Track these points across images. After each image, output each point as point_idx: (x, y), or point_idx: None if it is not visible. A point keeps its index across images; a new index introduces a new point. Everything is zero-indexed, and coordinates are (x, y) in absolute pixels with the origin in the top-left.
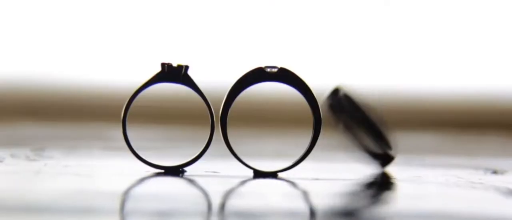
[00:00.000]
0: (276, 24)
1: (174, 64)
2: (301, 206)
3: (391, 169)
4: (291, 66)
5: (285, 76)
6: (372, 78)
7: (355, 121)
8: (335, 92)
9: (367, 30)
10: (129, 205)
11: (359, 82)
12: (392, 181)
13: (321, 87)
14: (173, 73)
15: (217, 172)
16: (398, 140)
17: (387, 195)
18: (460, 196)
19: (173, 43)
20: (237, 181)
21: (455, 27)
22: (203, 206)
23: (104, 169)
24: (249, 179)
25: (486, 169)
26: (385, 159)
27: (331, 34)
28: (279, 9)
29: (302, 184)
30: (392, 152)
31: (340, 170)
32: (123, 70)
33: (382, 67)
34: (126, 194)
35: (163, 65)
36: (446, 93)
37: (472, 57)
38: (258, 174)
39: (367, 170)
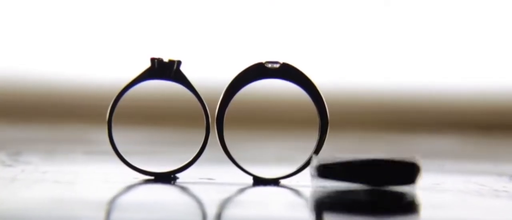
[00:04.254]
0: (277, 18)
1: (165, 59)
2: (306, 216)
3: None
4: (294, 62)
5: (287, 72)
6: (379, 78)
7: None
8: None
9: (368, 29)
10: (115, 216)
11: (365, 81)
12: (409, 189)
13: (326, 85)
14: (164, 69)
15: (213, 179)
16: (416, 143)
17: (403, 203)
18: (483, 205)
19: (164, 36)
20: (234, 188)
21: (465, 25)
22: (197, 217)
23: (87, 176)
24: (248, 187)
25: (511, 176)
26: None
27: (332, 32)
28: (280, 3)
29: (307, 192)
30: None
31: None
32: (108, 65)
33: (389, 66)
34: (111, 203)
35: (153, 60)
36: (467, 93)
37: (493, 55)
38: (258, 181)
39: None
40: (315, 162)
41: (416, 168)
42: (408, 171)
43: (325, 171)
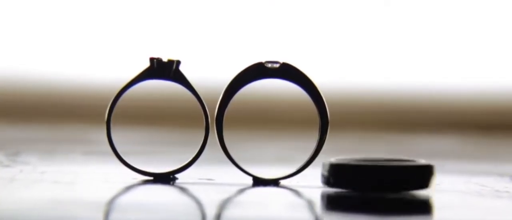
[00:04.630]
0: (277, 18)
1: (164, 59)
2: (306, 217)
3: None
4: (294, 62)
5: (287, 72)
6: (379, 78)
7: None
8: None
9: (368, 29)
10: (114, 216)
11: (365, 81)
12: (409, 189)
13: (326, 85)
14: (163, 69)
15: (212, 180)
16: (416, 143)
17: (403, 204)
18: (484, 205)
19: (163, 35)
20: (234, 189)
21: (465, 25)
22: (197, 217)
23: (86, 176)
24: (247, 187)
25: None
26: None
27: (332, 32)
28: (280, 3)
29: (307, 192)
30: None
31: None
32: (107, 65)
33: (389, 66)
34: (110, 204)
35: (152, 60)
36: (467, 93)
37: (493, 55)
38: (258, 182)
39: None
40: (325, 169)
41: (432, 173)
42: (423, 176)
43: (336, 179)
